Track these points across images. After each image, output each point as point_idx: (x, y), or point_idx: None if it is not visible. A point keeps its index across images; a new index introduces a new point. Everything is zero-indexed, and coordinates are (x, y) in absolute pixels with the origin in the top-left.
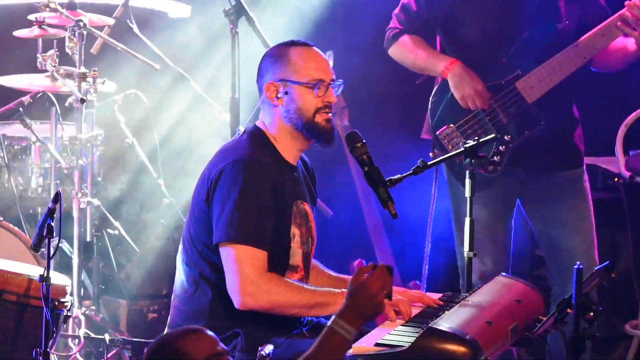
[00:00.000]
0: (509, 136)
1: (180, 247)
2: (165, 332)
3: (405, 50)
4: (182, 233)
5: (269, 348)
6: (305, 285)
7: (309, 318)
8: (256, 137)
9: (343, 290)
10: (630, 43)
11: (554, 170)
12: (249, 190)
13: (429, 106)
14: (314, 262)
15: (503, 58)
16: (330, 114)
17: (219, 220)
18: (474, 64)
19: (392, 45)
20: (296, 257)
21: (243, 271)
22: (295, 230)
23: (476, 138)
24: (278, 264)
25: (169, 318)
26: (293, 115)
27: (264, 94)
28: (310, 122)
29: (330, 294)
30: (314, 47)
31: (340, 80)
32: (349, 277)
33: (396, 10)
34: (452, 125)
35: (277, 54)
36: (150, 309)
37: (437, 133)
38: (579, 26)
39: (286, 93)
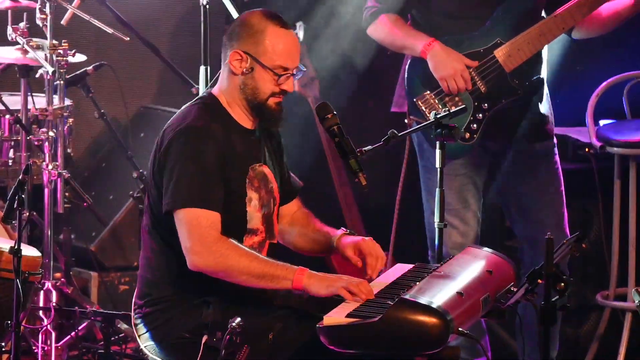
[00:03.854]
0: (486, 105)
1: (144, 216)
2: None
3: (384, 30)
4: (145, 201)
5: (237, 320)
6: (260, 256)
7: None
8: (207, 104)
9: (300, 267)
10: (619, 3)
11: (524, 142)
12: (195, 156)
13: (405, 74)
14: (307, 212)
15: (482, 26)
16: (282, 99)
17: (167, 188)
18: (453, 33)
19: (371, 24)
20: (254, 220)
21: (191, 231)
22: (252, 194)
23: (447, 109)
24: (234, 229)
25: (136, 288)
26: (249, 91)
27: (227, 59)
28: (262, 104)
29: (284, 268)
30: (291, 30)
31: (304, 68)
32: (332, 230)
33: None
34: (429, 92)
35: (255, 27)
36: (121, 281)
37: (414, 99)
38: None
39: (251, 70)
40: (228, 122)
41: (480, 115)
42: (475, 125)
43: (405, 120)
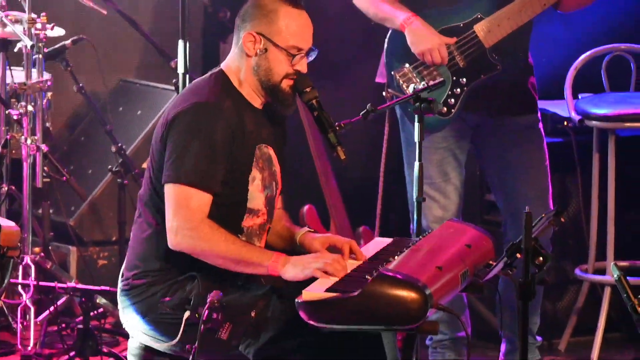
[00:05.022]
0: (464, 79)
1: (142, 187)
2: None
3: (368, 3)
4: (144, 174)
5: (217, 295)
6: (239, 240)
7: None
8: (219, 81)
9: (276, 252)
10: None
11: (507, 115)
12: (202, 133)
13: (385, 46)
14: (284, 212)
15: (463, 1)
16: (294, 82)
17: (168, 161)
18: (433, 7)
19: None
20: (256, 200)
21: (177, 209)
22: (256, 174)
23: (424, 83)
24: (235, 207)
25: (125, 259)
26: (262, 73)
27: (241, 40)
28: (276, 85)
29: (260, 254)
30: (304, 10)
31: (315, 49)
32: (296, 227)
33: None
34: (408, 64)
35: (267, 7)
36: (100, 256)
37: (392, 72)
38: None
39: (265, 50)
40: (239, 100)
41: (458, 89)
42: (452, 100)
43: (384, 93)
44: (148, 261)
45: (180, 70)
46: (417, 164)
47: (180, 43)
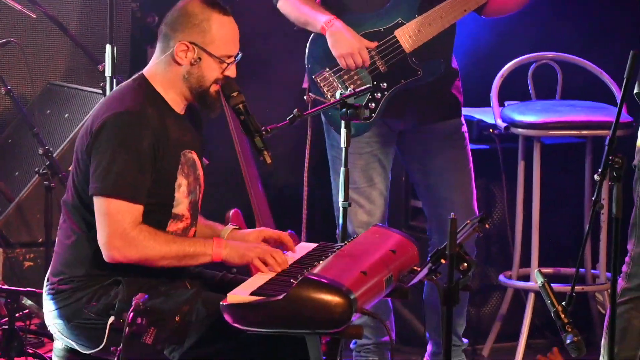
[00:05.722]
0: (385, 84)
1: (66, 193)
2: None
3: (290, 7)
4: (68, 179)
5: (142, 298)
6: (177, 237)
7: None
8: (142, 88)
9: (215, 238)
10: None
11: (430, 120)
12: (128, 143)
13: (307, 49)
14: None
15: (384, 6)
16: (220, 86)
17: (95, 172)
18: (355, 11)
19: (279, 0)
20: (181, 206)
21: (112, 225)
22: (181, 180)
23: (352, 88)
24: (160, 214)
25: (50, 264)
26: (194, 80)
27: (172, 49)
28: (205, 91)
29: (202, 244)
30: (231, 17)
31: (240, 53)
32: (219, 225)
33: None
34: (328, 69)
35: (199, 16)
36: (26, 257)
37: (313, 77)
38: None
39: (198, 59)
40: (162, 107)
41: (379, 94)
42: (373, 105)
43: (305, 97)
44: (73, 267)
45: (108, 73)
46: (342, 169)
47: (108, 47)
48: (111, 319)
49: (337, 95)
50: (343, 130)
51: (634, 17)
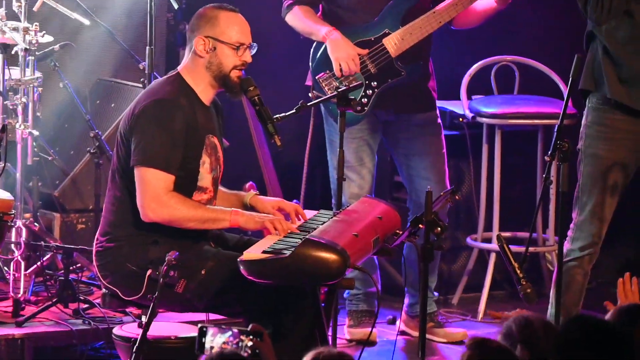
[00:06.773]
0: (375, 83)
1: (111, 167)
2: None
3: (297, 20)
4: (112, 156)
5: (174, 255)
6: (201, 205)
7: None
8: (176, 81)
9: (233, 209)
10: (488, 3)
11: (411, 112)
12: (163, 124)
13: (311, 55)
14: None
15: (373, 19)
16: (242, 72)
17: (136, 148)
18: (350, 24)
19: (287, 14)
20: (205, 180)
21: (149, 190)
22: (205, 158)
23: (346, 84)
24: (188, 184)
25: (99, 226)
26: (214, 67)
27: (193, 46)
28: (226, 76)
29: (222, 212)
30: (239, 13)
31: (255, 44)
32: (242, 193)
33: None
34: (329, 71)
35: (209, 15)
36: (79, 221)
37: (316, 77)
38: None
39: (214, 49)
40: (193, 98)
41: (370, 91)
42: (365, 100)
43: (309, 94)
44: (117, 228)
45: (147, 71)
46: (338, 150)
47: (148, 49)
48: (149, 271)
49: (336, 89)
50: (339, 119)
51: (581, 25)
